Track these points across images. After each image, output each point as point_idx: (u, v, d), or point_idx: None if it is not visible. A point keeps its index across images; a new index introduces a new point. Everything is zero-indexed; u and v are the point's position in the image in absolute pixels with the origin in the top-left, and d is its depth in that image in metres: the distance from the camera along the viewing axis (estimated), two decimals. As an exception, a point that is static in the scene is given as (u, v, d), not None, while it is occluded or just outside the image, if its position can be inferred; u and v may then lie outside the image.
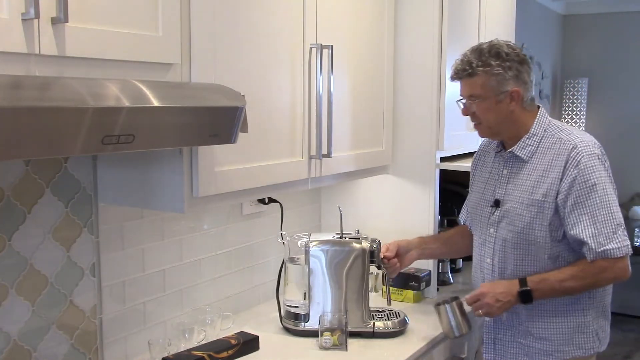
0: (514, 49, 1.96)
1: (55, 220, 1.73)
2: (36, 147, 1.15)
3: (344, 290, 2.17)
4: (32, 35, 1.23)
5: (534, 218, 1.91)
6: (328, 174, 2.19)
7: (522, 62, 1.95)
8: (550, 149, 1.94)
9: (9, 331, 1.65)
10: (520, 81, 1.94)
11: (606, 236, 1.84)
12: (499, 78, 1.91)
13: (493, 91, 1.92)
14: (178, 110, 1.39)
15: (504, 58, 1.91)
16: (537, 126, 1.98)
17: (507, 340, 2.04)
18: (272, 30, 1.89)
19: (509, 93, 1.92)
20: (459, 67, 1.96)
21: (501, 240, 1.99)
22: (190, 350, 1.86)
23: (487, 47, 1.94)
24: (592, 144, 1.92)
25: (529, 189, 1.93)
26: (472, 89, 1.94)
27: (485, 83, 1.92)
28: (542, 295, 1.93)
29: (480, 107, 1.95)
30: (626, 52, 5.85)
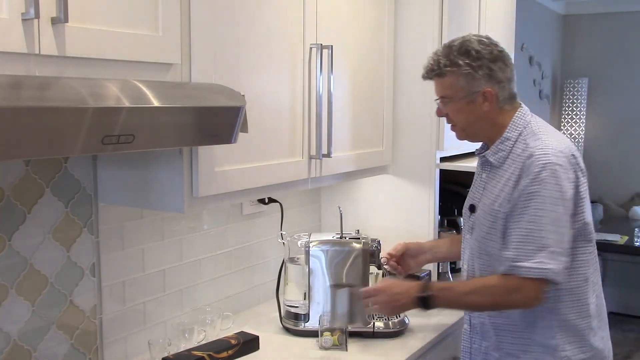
0: (486, 45, 1.79)
1: (55, 220, 1.73)
2: (36, 147, 1.15)
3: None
4: (32, 35, 1.23)
5: (490, 228, 1.78)
6: (328, 174, 2.19)
7: (494, 59, 1.78)
8: (519, 155, 1.76)
9: (9, 331, 1.65)
10: (493, 80, 1.77)
11: (525, 253, 1.67)
12: (469, 78, 1.76)
13: (463, 91, 1.78)
14: (178, 110, 1.39)
15: (474, 56, 1.76)
16: (511, 129, 1.80)
17: (482, 351, 1.91)
18: (272, 30, 1.89)
19: (481, 93, 1.77)
20: (428, 66, 1.84)
21: (470, 247, 1.89)
22: (190, 350, 1.86)
23: (458, 44, 1.79)
24: (553, 153, 1.70)
25: (493, 198, 1.79)
26: (442, 89, 1.82)
27: (454, 83, 1.78)
28: (444, 305, 1.83)
29: (451, 109, 1.83)
30: (626, 52, 5.85)
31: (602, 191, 5.84)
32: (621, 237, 4.92)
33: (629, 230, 5.13)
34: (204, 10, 1.64)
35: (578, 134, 5.98)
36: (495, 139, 1.83)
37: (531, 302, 1.72)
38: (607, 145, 5.93)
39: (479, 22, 2.83)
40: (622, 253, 5.06)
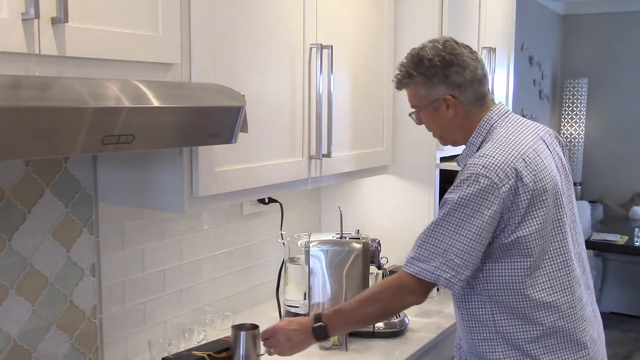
0: (440, 50, 1.75)
1: (55, 220, 1.73)
2: (36, 147, 1.15)
3: (344, 291, 2.17)
4: (32, 35, 1.23)
5: None
6: (328, 174, 2.19)
7: (449, 64, 1.74)
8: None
9: (9, 331, 1.65)
10: (451, 85, 1.74)
11: (426, 255, 1.65)
12: (426, 86, 1.76)
13: (426, 100, 1.78)
14: (178, 110, 1.39)
15: (426, 65, 1.74)
16: (476, 135, 1.77)
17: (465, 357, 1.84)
18: (272, 30, 1.89)
19: (442, 100, 1.75)
20: (393, 79, 1.85)
21: None
22: (190, 350, 1.86)
23: (414, 54, 1.79)
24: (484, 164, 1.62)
25: None
26: (410, 99, 1.84)
27: (416, 93, 1.79)
28: (339, 329, 1.80)
29: (422, 117, 1.84)
30: (626, 52, 5.85)
31: (602, 191, 5.84)
32: (621, 237, 4.92)
33: (629, 230, 5.14)
34: (204, 10, 1.64)
35: (578, 134, 5.98)
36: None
37: (416, 299, 1.69)
38: (607, 145, 5.93)
39: (479, 22, 2.83)
40: (622, 253, 5.07)
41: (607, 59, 5.93)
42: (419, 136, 2.56)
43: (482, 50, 2.84)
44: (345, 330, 1.84)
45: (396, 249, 2.61)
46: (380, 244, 2.24)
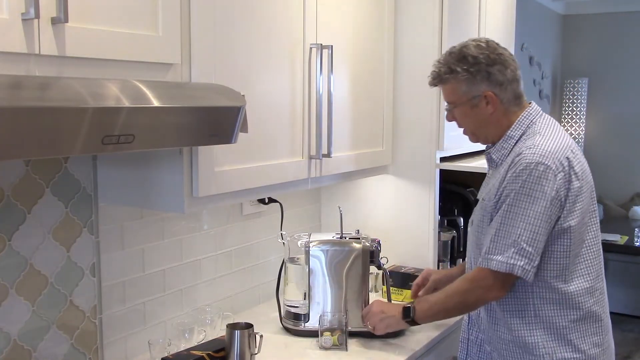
0: (483, 50, 1.83)
1: (55, 220, 1.73)
2: (36, 147, 1.15)
3: (344, 290, 2.17)
4: (32, 35, 1.23)
5: (481, 222, 1.85)
6: (328, 174, 2.19)
7: (493, 62, 1.82)
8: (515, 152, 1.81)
9: (9, 331, 1.65)
10: (493, 83, 1.81)
11: (499, 248, 1.73)
12: (468, 82, 1.82)
13: (465, 96, 1.83)
14: (178, 110, 1.39)
15: (471, 62, 1.81)
16: (515, 128, 1.84)
17: (478, 342, 1.97)
18: (272, 30, 1.89)
19: (483, 97, 1.82)
20: (432, 73, 1.89)
21: (470, 239, 1.96)
22: (189, 349, 1.86)
23: (456, 50, 1.84)
24: (543, 152, 1.72)
25: (487, 193, 1.86)
26: (447, 96, 1.89)
27: (456, 89, 1.84)
28: (424, 315, 1.91)
29: (458, 113, 1.89)
30: (626, 52, 5.85)
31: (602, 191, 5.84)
32: (621, 237, 4.92)
33: (629, 230, 5.14)
34: (204, 10, 1.64)
35: (578, 134, 5.98)
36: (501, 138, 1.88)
37: (495, 294, 1.78)
38: (607, 145, 5.93)
39: (479, 22, 2.83)
40: (622, 253, 5.07)
41: (607, 59, 5.93)
42: (419, 136, 2.57)
43: (482, 50, 2.84)
44: (429, 318, 1.93)
45: (396, 249, 2.61)
46: (380, 244, 2.24)
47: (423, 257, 2.61)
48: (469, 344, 2.01)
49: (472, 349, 2.00)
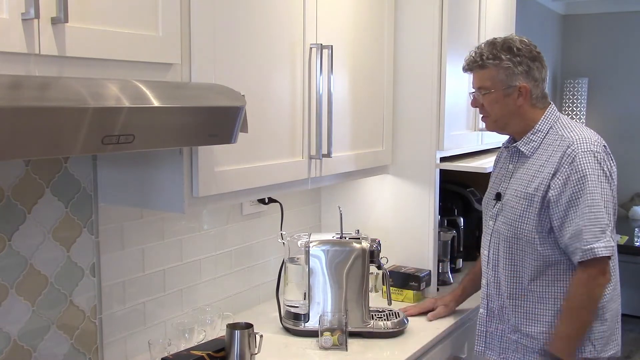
0: (527, 45, 1.96)
1: (55, 220, 1.73)
2: (36, 147, 1.15)
3: (344, 290, 2.17)
4: (32, 35, 1.23)
5: (524, 211, 1.93)
6: (328, 174, 2.19)
7: (534, 58, 1.96)
8: (551, 145, 1.94)
9: (9, 331, 1.65)
10: (530, 77, 1.94)
11: (594, 235, 1.83)
12: (508, 72, 1.93)
13: (501, 84, 1.94)
14: (178, 110, 1.39)
15: (515, 53, 1.93)
16: (543, 123, 1.98)
17: (498, 334, 2.06)
18: (272, 30, 1.89)
19: (518, 88, 1.94)
20: (470, 58, 1.99)
21: (497, 233, 2.02)
22: (189, 349, 1.86)
23: (501, 40, 1.96)
24: (591, 142, 1.89)
25: (525, 183, 1.95)
26: (482, 81, 1.97)
27: (494, 76, 1.94)
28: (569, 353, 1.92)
29: (487, 100, 1.97)
30: (626, 52, 5.85)
31: (602, 191, 5.84)
32: (621, 237, 4.91)
33: (629, 230, 5.13)
34: (204, 10, 1.64)
35: (578, 134, 5.96)
36: (524, 133, 1.99)
37: (606, 278, 1.90)
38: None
39: (479, 22, 2.83)
40: (622, 253, 5.04)
41: (607, 59, 5.92)
42: (419, 136, 2.57)
43: (482, 50, 2.84)
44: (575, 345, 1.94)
45: (396, 249, 2.61)
46: (380, 244, 2.24)
47: (423, 257, 2.60)
48: (488, 337, 2.09)
49: (493, 341, 2.08)
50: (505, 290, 2.01)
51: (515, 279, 1.99)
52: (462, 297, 2.40)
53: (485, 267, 2.09)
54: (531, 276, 1.96)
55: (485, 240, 2.09)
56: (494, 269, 2.04)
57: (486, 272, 2.08)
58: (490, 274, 2.07)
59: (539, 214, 1.90)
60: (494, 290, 2.06)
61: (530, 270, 1.96)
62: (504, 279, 2.01)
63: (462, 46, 2.68)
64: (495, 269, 2.04)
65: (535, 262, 1.94)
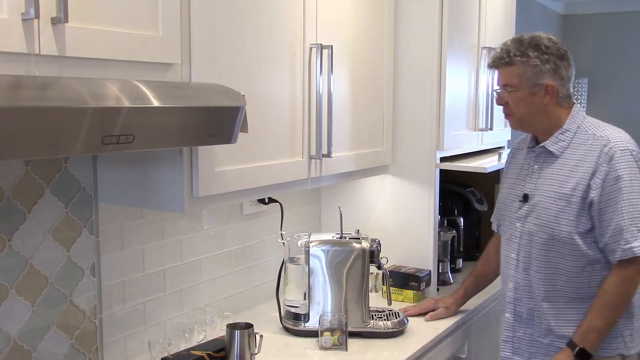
0: (555, 43, 1.95)
1: (55, 220, 1.73)
2: (36, 147, 1.15)
3: (344, 290, 2.17)
4: (32, 35, 1.23)
5: (561, 212, 1.90)
6: (328, 174, 2.19)
7: (562, 57, 1.94)
8: (582, 144, 1.92)
9: (9, 331, 1.65)
10: (557, 76, 1.93)
11: (633, 234, 1.82)
12: (536, 70, 1.91)
13: (528, 82, 1.92)
14: (178, 110, 1.39)
15: (543, 51, 1.91)
16: (570, 122, 1.96)
17: (527, 338, 2.03)
18: (272, 30, 1.89)
19: (544, 86, 1.92)
20: (497, 55, 1.97)
21: (527, 234, 1.98)
22: (189, 349, 1.86)
23: (528, 38, 1.94)
24: (626, 140, 1.90)
25: (558, 183, 1.92)
26: (508, 78, 1.95)
27: (521, 73, 1.92)
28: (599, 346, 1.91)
29: (513, 98, 1.95)
30: (626, 52, 5.85)
31: (602, 191, 5.84)
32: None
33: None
34: (204, 10, 1.64)
35: (578, 134, 5.97)
36: (549, 132, 1.97)
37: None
38: (607, 145, 5.92)
39: (479, 22, 2.83)
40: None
41: (607, 59, 5.93)
42: (419, 136, 2.57)
43: (482, 50, 2.84)
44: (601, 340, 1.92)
45: (396, 249, 2.61)
46: (380, 244, 2.24)
47: (423, 257, 2.60)
48: (515, 342, 2.06)
49: (521, 346, 2.05)
50: (540, 292, 1.97)
51: (550, 280, 1.95)
52: (464, 298, 2.39)
53: (512, 270, 2.03)
54: (567, 277, 1.93)
55: (512, 244, 2.03)
56: (525, 271, 2.00)
57: (514, 275, 2.03)
58: (519, 276, 2.02)
59: (577, 215, 1.88)
60: (525, 294, 2.01)
61: (567, 271, 1.92)
62: (538, 281, 1.97)
63: (462, 46, 2.69)
64: (526, 271, 1.99)
65: (573, 262, 1.91)
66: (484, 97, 2.90)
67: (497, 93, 2.01)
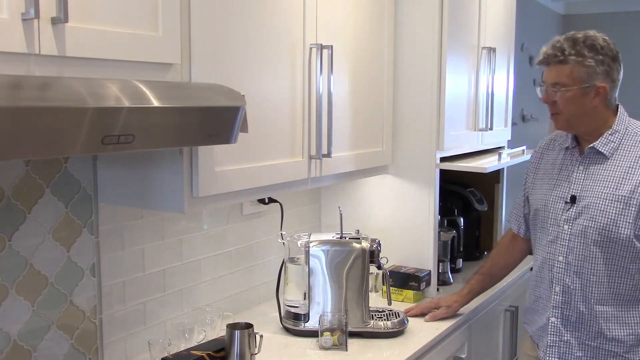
0: (609, 43, 1.92)
1: (55, 220, 1.73)
2: (36, 147, 1.15)
3: (344, 290, 2.17)
4: (32, 35, 1.23)
5: (619, 214, 1.86)
6: (328, 174, 2.19)
7: (615, 58, 1.92)
8: (635, 146, 1.91)
9: (9, 331, 1.65)
10: (609, 78, 1.90)
11: None
12: (590, 70, 1.87)
13: (580, 83, 1.88)
14: (178, 110, 1.39)
15: (598, 51, 1.87)
16: (619, 123, 1.95)
17: (574, 342, 1.97)
18: (272, 30, 1.89)
19: (596, 87, 1.88)
20: (550, 52, 1.90)
21: (579, 237, 1.93)
22: (189, 349, 1.86)
23: (583, 37, 1.88)
24: None
25: (614, 185, 1.89)
26: (559, 77, 1.89)
27: (574, 73, 1.87)
28: None
29: (563, 97, 1.90)
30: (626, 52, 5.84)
31: (602, 191, 5.83)
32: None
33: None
34: (204, 10, 1.64)
35: (578, 134, 5.96)
36: (598, 132, 1.94)
37: None
38: (607, 145, 5.91)
39: (479, 22, 2.83)
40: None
41: (607, 59, 5.92)
42: (419, 136, 2.57)
43: (482, 50, 2.84)
44: None
45: (396, 249, 2.61)
46: (380, 244, 2.24)
47: (423, 257, 2.60)
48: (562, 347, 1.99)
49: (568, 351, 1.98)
50: (594, 295, 1.93)
51: (608, 283, 1.91)
52: (468, 296, 2.36)
53: (561, 273, 1.97)
54: (626, 279, 1.90)
55: (559, 246, 1.98)
56: (577, 274, 1.94)
57: (562, 278, 1.97)
58: (569, 280, 1.96)
59: (636, 217, 1.85)
60: (577, 297, 1.95)
61: (625, 273, 1.89)
62: (593, 284, 1.92)
63: (462, 46, 2.69)
64: (579, 274, 1.94)
65: (631, 264, 1.88)
66: (484, 97, 2.90)
67: (545, 91, 1.95)
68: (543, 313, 2.04)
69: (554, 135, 2.14)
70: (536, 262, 2.09)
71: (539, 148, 2.19)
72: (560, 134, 2.11)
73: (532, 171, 2.16)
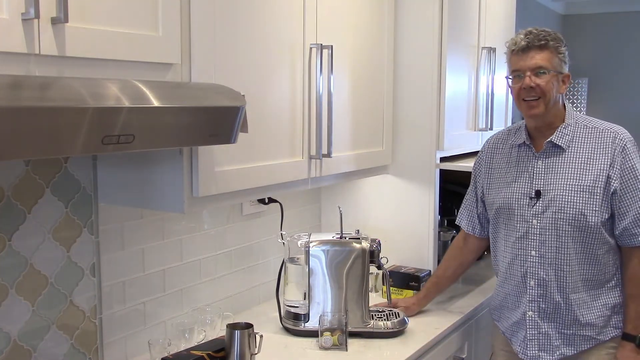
0: None
1: (55, 220, 1.73)
2: (36, 147, 1.15)
3: (344, 290, 2.17)
4: (32, 35, 1.23)
5: (586, 204, 1.95)
6: (328, 174, 2.19)
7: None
8: (588, 137, 2.00)
9: (9, 331, 1.65)
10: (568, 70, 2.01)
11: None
12: (562, 58, 1.98)
13: (558, 68, 1.97)
14: (178, 110, 1.39)
15: (564, 42, 1.99)
16: (569, 117, 2.03)
17: (552, 332, 2.04)
18: (272, 30, 1.89)
19: (564, 76, 2.00)
20: (531, 36, 1.96)
21: (550, 230, 1.99)
22: (189, 349, 1.86)
23: (550, 30, 1.99)
24: (626, 131, 2.01)
25: (576, 176, 1.97)
26: (542, 60, 1.96)
27: (552, 59, 1.96)
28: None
29: (545, 80, 1.96)
30: (626, 52, 5.85)
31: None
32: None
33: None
34: (204, 10, 1.64)
35: (578, 134, 5.97)
36: (551, 125, 2.02)
37: None
38: (607, 145, 5.92)
39: (479, 22, 2.83)
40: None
41: (607, 59, 5.93)
42: (419, 136, 2.57)
43: (482, 50, 2.84)
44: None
45: (396, 249, 2.62)
46: (380, 244, 2.24)
47: (423, 257, 2.61)
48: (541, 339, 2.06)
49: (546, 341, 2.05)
50: (569, 284, 2.00)
51: (577, 271, 1.99)
52: (424, 301, 2.39)
53: (535, 267, 2.02)
54: (596, 265, 1.99)
55: (530, 241, 2.02)
56: (552, 267, 2.00)
57: (537, 272, 2.02)
58: (544, 273, 2.01)
59: (601, 204, 1.94)
60: (553, 289, 2.01)
61: (595, 259, 1.99)
62: (568, 274, 1.99)
63: (462, 46, 2.69)
64: (553, 266, 2.00)
65: (598, 250, 1.98)
66: (484, 97, 2.91)
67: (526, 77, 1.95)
68: (515, 309, 2.10)
69: (499, 134, 2.20)
70: (504, 259, 2.12)
71: (487, 148, 2.22)
72: (504, 133, 2.18)
73: (484, 171, 2.20)
